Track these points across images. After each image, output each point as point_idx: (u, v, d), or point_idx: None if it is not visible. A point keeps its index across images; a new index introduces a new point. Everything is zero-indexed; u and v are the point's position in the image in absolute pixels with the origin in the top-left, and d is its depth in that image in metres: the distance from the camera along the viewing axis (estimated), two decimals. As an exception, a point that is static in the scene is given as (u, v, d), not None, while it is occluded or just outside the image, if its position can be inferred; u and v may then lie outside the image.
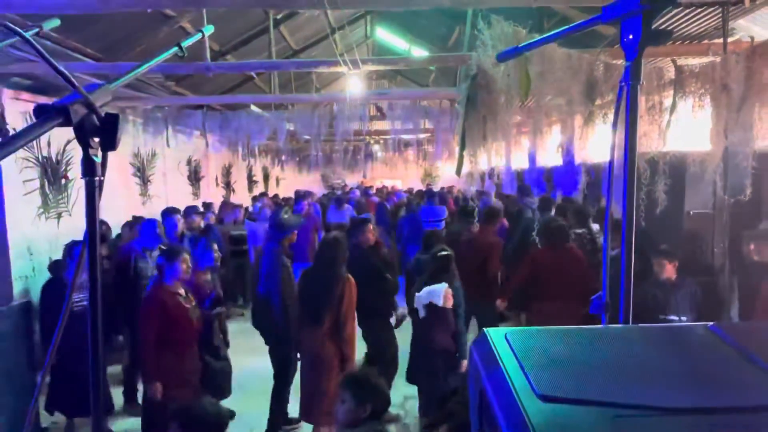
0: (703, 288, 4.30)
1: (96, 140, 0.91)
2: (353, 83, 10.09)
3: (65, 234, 6.45)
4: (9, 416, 3.99)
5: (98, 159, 0.92)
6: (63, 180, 6.70)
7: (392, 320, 5.05)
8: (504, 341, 0.97)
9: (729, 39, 4.48)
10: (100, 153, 0.93)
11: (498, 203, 8.65)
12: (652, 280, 4.25)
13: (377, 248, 5.09)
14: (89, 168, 0.92)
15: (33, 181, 6.22)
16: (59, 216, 6.64)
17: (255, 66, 7.61)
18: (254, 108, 9.06)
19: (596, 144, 4.37)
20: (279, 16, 8.35)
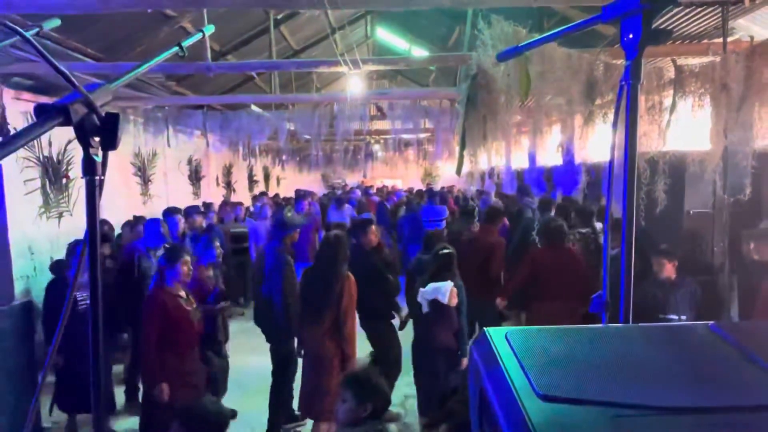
0: (703, 287, 4.30)
1: (96, 140, 0.91)
2: (354, 83, 10.08)
3: (66, 233, 6.46)
4: (10, 416, 4.00)
5: (99, 158, 0.92)
6: (64, 180, 6.71)
7: (395, 321, 5.03)
8: (504, 341, 0.97)
9: (729, 38, 4.48)
10: (101, 152, 0.93)
11: (498, 203, 8.63)
12: (652, 280, 4.25)
13: (380, 249, 5.06)
14: (90, 167, 0.92)
15: (34, 181, 6.23)
16: (60, 216, 6.64)
17: (255, 66, 7.62)
18: (255, 108, 9.06)
19: (596, 143, 4.37)
20: (279, 16, 8.35)
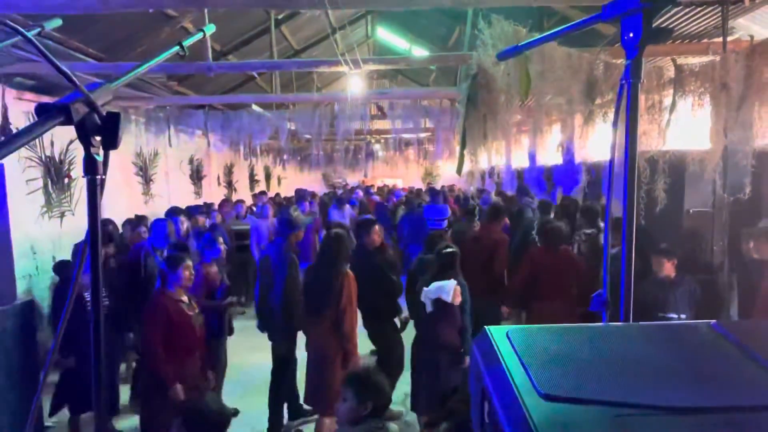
0: (703, 286, 4.30)
1: (97, 139, 0.91)
2: (354, 83, 10.07)
3: (68, 233, 6.47)
4: (11, 415, 4.00)
5: (100, 158, 0.93)
6: (66, 179, 6.71)
7: (396, 321, 5.03)
8: (506, 339, 0.97)
9: (729, 38, 4.47)
10: (102, 152, 0.93)
11: (499, 201, 8.62)
12: (652, 278, 4.25)
13: (383, 249, 5.04)
14: (91, 166, 0.92)
15: (36, 181, 6.23)
16: (62, 215, 6.65)
17: (256, 66, 7.63)
18: (256, 107, 9.06)
19: (596, 143, 4.37)
20: (280, 16, 8.36)
